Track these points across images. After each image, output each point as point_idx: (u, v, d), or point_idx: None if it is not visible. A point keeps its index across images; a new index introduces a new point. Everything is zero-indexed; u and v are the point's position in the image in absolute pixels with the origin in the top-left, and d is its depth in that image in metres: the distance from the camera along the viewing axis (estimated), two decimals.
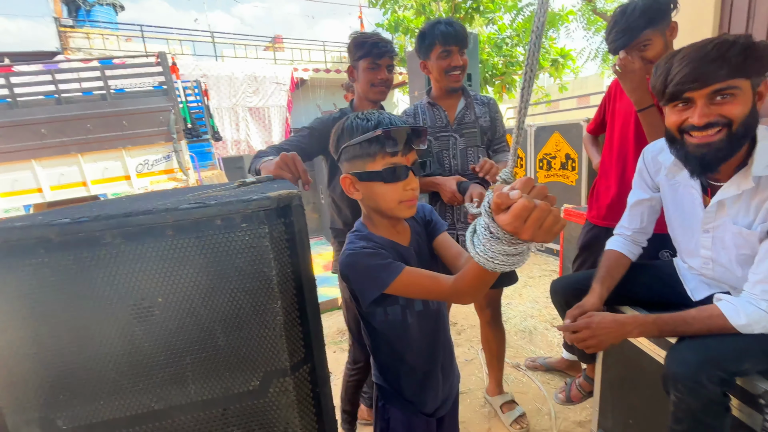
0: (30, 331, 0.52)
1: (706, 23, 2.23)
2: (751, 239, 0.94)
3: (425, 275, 0.73)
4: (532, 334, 2.48)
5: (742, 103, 0.83)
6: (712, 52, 0.81)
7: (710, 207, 1.00)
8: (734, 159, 0.90)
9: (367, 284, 0.75)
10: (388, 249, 0.79)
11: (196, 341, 0.57)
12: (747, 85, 0.83)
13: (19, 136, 3.98)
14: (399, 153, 0.74)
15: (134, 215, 0.52)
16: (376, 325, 0.85)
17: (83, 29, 8.72)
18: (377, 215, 0.83)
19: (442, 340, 0.90)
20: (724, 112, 0.84)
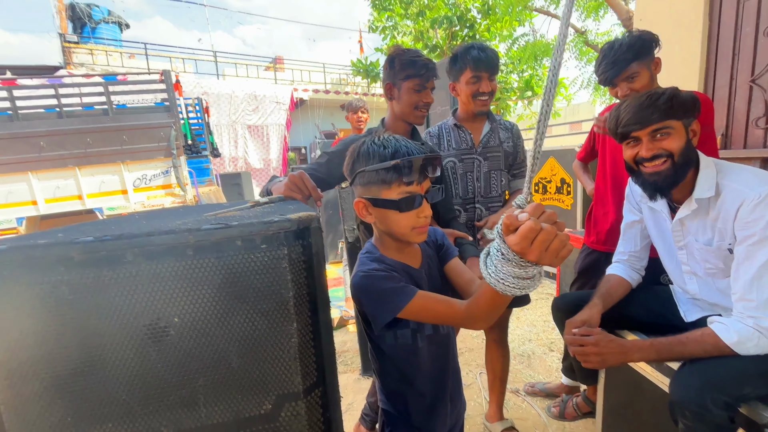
0: (43, 352, 0.52)
1: (693, 57, 2.34)
2: (712, 255, 1.08)
3: (438, 300, 0.73)
4: (530, 358, 2.45)
5: (678, 139, 1.04)
6: (646, 102, 1.04)
7: (673, 225, 1.16)
8: (686, 184, 1.08)
9: (380, 308, 0.75)
10: (399, 271, 0.79)
11: (210, 363, 0.57)
12: (678, 124, 1.05)
13: (18, 148, 3.97)
14: (414, 182, 0.75)
15: (156, 235, 0.53)
16: (385, 349, 0.84)
17: (87, 45, 8.86)
18: (389, 238, 0.84)
19: (451, 366, 0.89)
20: (664, 146, 1.05)
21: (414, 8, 8.98)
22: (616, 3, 5.07)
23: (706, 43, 2.29)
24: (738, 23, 2.15)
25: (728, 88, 2.21)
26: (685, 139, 1.05)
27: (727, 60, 2.20)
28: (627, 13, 5.03)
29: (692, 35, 2.33)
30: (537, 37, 7.64)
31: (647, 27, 2.61)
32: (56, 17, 8.64)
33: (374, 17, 9.42)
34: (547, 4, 6.65)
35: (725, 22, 2.21)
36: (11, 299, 0.50)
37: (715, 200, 1.04)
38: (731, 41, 2.18)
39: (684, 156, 1.04)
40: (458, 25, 8.61)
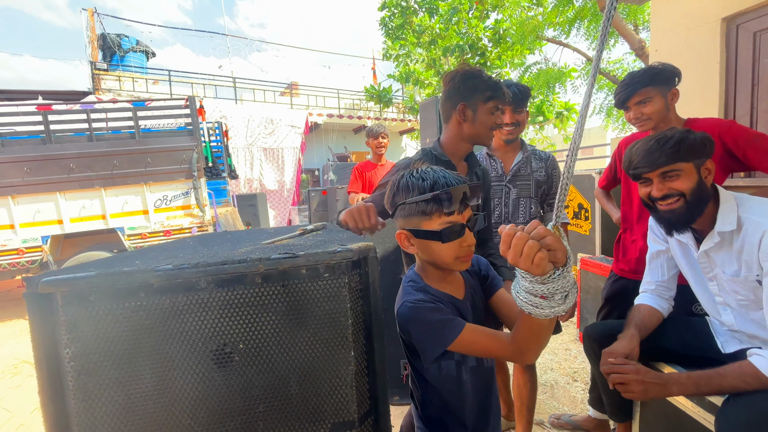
0: (119, 374, 0.54)
1: (712, 87, 2.37)
2: (741, 286, 1.08)
3: (487, 333, 0.73)
4: (553, 388, 2.38)
5: (688, 180, 1.08)
6: (654, 146, 1.09)
7: (699, 257, 1.17)
8: (707, 216, 1.11)
9: (429, 341, 0.74)
10: (445, 303, 0.79)
11: (271, 389, 0.58)
12: (688, 166, 1.08)
13: (49, 169, 4.14)
14: (455, 211, 0.74)
15: (230, 263, 0.55)
16: (429, 379, 0.83)
17: (116, 72, 9.33)
18: (431, 267, 0.83)
19: (494, 400, 0.88)
20: (675, 187, 1.09)
21: (426, 37, 9.30)
22: (627, 32, 5.19)
23: (725, 74, 2.33)
24: (756, 54, 2.19)
25: (749, 117, 2.23)
26: (696, 179, 1.08)
27: (747, 90, 2.23)
28: (639, 43, 5.14)
29: (710, 66, 2.37)
30: (549, 65, 7.81)
31: (663, 58, 2.67)
32: (88, 47, 9.16)
33: (388, 46, 9.76)
34: (557, 33, 6.83)
35: (742, 53, 2.25)
36: (94, 323, 0.53)
37: (738, 233, 1.06)
38: (750, 72, 2.21)
39: (696, 195, 1.07)
40: (470, 53, 8.86)
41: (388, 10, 9.47)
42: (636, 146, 1.13)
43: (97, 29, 9.69)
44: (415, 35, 9.36)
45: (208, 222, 4.72)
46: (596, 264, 2.68)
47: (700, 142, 1.07)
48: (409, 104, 10.66)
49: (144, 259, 0.63)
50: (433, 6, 9.09)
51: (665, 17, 2.66)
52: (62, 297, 0.52)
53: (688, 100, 2.52)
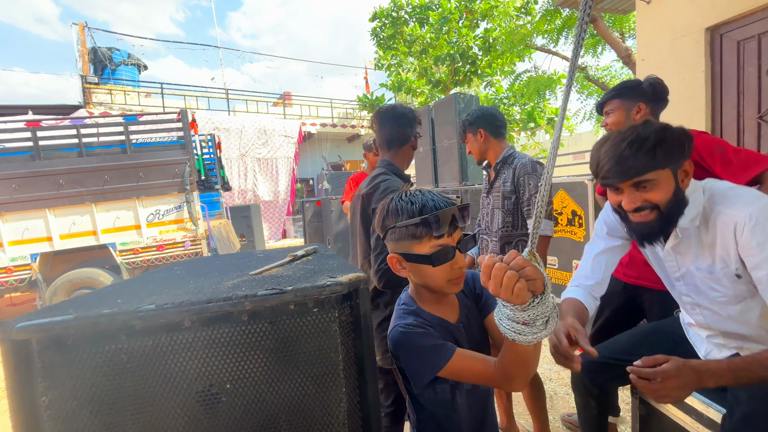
0: (99, 421, 0.52)
1: (698, 95, 2.41)
2: (718, 283, 0.98)
3: (476, 359, 0.73)
4: (552, 398, 2.36)
5: (664, 189, 0.92)
6: (626, 151, 0.91)
7: (666, 255, 1.06)
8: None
9: (419, 367, 0.74)
10: (436, 327, 0.79)
11: (260, 429, 0.56)
12: (665, 173, 0.92)
13: (38, 186, 4.08)
14: (444, 234, 0.74)
15: (215, 302, 0.54)
16: (424, 403, 0.82)
17: (107, 86, 9.30)
18: (425, 290, 0.83)
19: (489, 421, 0.87)
20: (648, 198, 0.94)
21: (417, 46, 9.41)
22: (613, 41, 5.28)
23: (710, 82, 2.37)
24: (740, 63, 2.23)
25: (736, 125, 2.26)
26: (674, 187, 0.94)
27: (733, 98, 2.27)
28: (626, 50, 5.23)
29: (695, 75, 2.41)
30: (539, 72, 7.93)
31: (649, 67, 2.71)
32: (79, 60, 9.13)
33: (380, 56, 9.85)
34: (546, 42, 6.94)
35: (727, 61, 2.30)
36: (72, 368, 0.51)
37: (706, 226, 0.96)
38: (735, 80, 2.25)
39: (671, 205, 0.94)
40: (460, 62, 8.98)
41: (379, 21, 9.58)
42: (604, 148, 0.96)
43: (88, 43, 9.67)
44: (406, 45, 9.46)
45: (201, 235, 4.67)
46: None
47: (678, 143, 0.92)
48: None
49: (126, 295, 0.61)
50: (424, 16, 9.21)
51: (650, 27, 2.71)
52: (38, 342, 0.50)
53: (675, 109, 2.56)
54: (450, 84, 9.32)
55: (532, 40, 7.07)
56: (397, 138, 1.48)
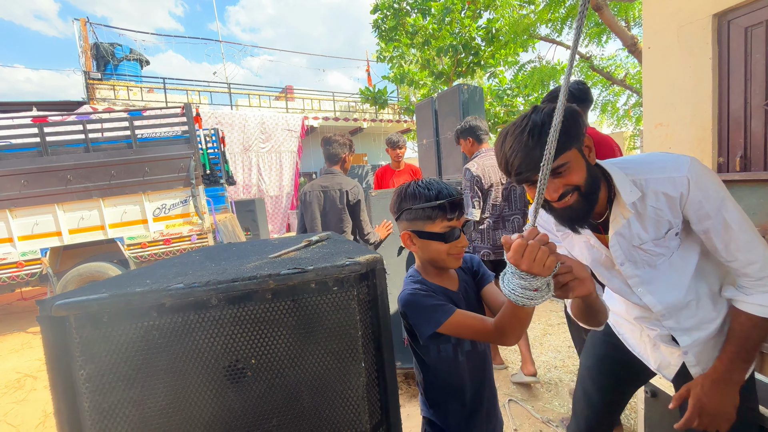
0: (133, 394, 0.54)
1: (705, 82, 2.40)
2: (663, 246, 0.98)
3: (474, 317, 0.84)
4: (557, 386, 2.39)
5: (578, 169, 0.90)
6: (530, 142, 0.86)
7: (612, 242, 1.01)
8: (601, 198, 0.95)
9: (424, 321, 0.85)
10: (439, 293, 0.90)
11: (283, 403, 0.59)
12: (573, 154, 0.89)
13: (46, 181, 4.13)
14: (455, 218, 0.89)
15: (240, 280, 0.56)
16: (429, 362, 0.92)
17: (110, 82, 9.31)
18: (429, 265, 0.95)
19: (488, 382, 0.96)
20: (569, 182, 0.90)
21: (419, 38, 9.33)
22: (619, 29, 5.22)
23: (717, 69, 2.35)
24: (747, 50, 2.21)
25: (743, 112, 2.25)
26: (584, 163, 0.91)
27: (740, 85, 2.25)
28: (631, 39, 5.17)
29: (702, 62, 2.39)
30: (543, 62, 7.85)
31: (656, 54, 2.69)
32: (81, 56, 9.14)
33: (382, 48, 9.78)
34: (550, 31, 6.87)
35: (734, 48, 2.27)
36: (108, 344, 0.53)
37: (642, 199, 0.94)
38: (742, 67, 2.23)
39: (589, 182, 0.92)
40: (463, 53, 8.90)
41: (380, 13, 9.50)
42: (507, 143, 0.90)
43: (90, 39, 9.66)
44: (408, 36, 9.39)
45: (207, 229, 4.72)
46: None
47: (572, 120, 0.87)
48: (404, 105, 10.69)
49: (153, 276, 0.63)
50: (426, 7, 9.12)
51: (657, 14, 2.68)
52: (75, 319, 0.52)
53: (682, 97, 2.54)
54: (453, 75, 9.25)
55: (536, 30, 7.00)
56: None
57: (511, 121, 0.93)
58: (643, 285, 1.04)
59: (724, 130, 2.37)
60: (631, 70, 7.01)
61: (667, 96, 2.63)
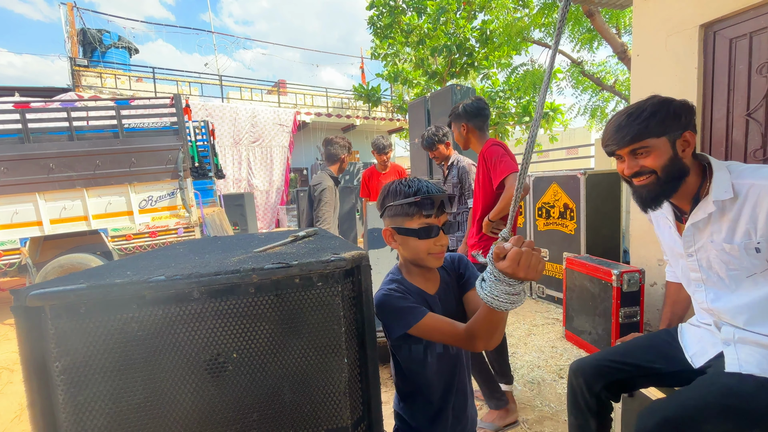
0: (110, 387, 0.54)
1: (690, 91, 2.45)
2: (734, 254, 1.02)
3: (444, 321, 0.84)
4: (540, 385, 2.43)
5: (659, 156, 1.02)
6: (623, 121, 1.03)
7: (686, 232, 1.11)
8: (688, 191, 1.06)
9: (394, 323, 0.86)
10: (414, 295, 0.91)
11: (264, 397, 0.59)
12: (660, 141, 1.01)
13: (27, 169, 4.01)
14: (432, 215, 0.88)
15: (223, 274, 0.56)
16: (400, 359, 0.94)
17: (97, 69, 9.08)
18: (411, 264, 0.95)
19: (456, 384, 0.96)
20: (645, 164, 1.03)
21: (414, 37, 9.32)
22: (610, 36, 5.30)
23: (702, 79, 2.41)
24: (731, 60, 2.27)
25: (725, 122, 2.31)
26: (670, 154, 1.01)
27: (723, 95, 2.31)
28: (621, 46, 5.26)
29: (688, 71, 2.45)
30: (535, 66, 7.93)
31: (644, 63, 2.74)
32: (68, 42, 8.89)
33: (376, 45, 9.75)
34: (543, 35, 6.93)
35: (719, 59, 2.34)
36: (84, 336, 0.52)
37: (733, 201, 0.99)
38: (726, 77, 2.30)
39: (669, 171, 1.02)
40: (457, 53, 8.93)
41: (376, 9, 9.45)
42: (610, 120, 1.09)
43: (77, 24, 9.40)
44: (403, 35, 9.37)
45: (194, 223, 4.64)
46: (581, 263, 2.74)
47: (673, 114, 0.99)
48: (397, 104, 10.67)
49: (135, 268, 0.62)
50: (422, 6, 9.11)
51: (646, 22, 2.73)
52: (51, 310, 0.51)
53: None
54: (446, 76, 9.27)
55: (529, 34, 7.06)
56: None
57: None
58: (701, 282, 1.11)
59: (707, 139, 2.44)
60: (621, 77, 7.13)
61: None
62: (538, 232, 3.84)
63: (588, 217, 3.33)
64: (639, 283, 2.42)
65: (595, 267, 2.59)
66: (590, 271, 2.64)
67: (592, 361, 1.31)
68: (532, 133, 0.67)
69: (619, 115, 1.05)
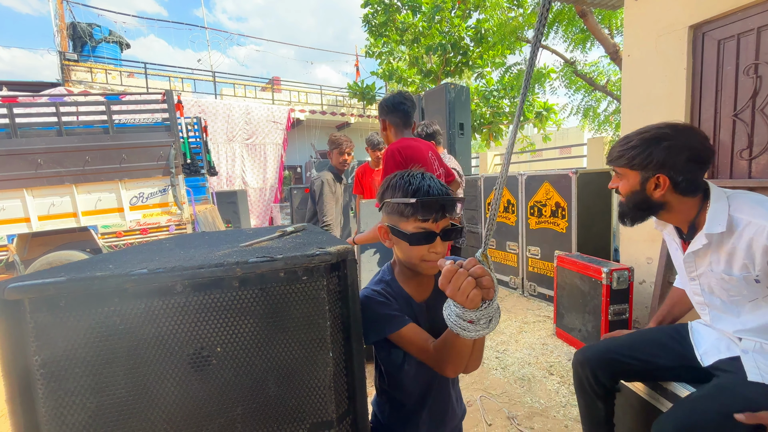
0: (91, 381, 0.53)
1: (679, 92, 2.48)
2: (734, 284, 1.03)
3: (420, 336, 0.79)
4: (530, 382, 2.46)
5: (626, 185, 1.09)
6: (619, 140, 1.10)
7: (686, 257, 1.13)
8: (682, 216, 1.09)
9: (370, 328, 0.80)
10: (400, 300, 0.85)
11: (249, 391, 0.59)
12: (632, 173, 1.07)
13: (15, 165, 3.95)
14: (430, 220, 0.78)
15: (206, 267, 0.55)
16: (380, 360, 0.90)
17: (87, 64, 8.94)
18: (403, 265, 0.89)
19: (434, 389, 0.91)
20: (617, 185, 1.13)
21: (409, 35, 9.32)
22: (602, 37, 5.35)
23: (690, 79, 2.44)
24: (719, 61, 2.30)
25: (713, 122, 2.34)
26: (636, 188, 1.07)
27: (711, 95, 2.34)
28: (613, 47, 5.31)
29: (677, 72, 2.48)
30: None
31: (635, 63, 2.77)
32: (57, 35, 8.74)
33: (371, 43, 9.73)
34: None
35: (707, 59, 2.37)
36: (65, 329, 0.52)
37: (730, 234, 1.00)
38: (714, 78, 2.33)
39: (633, 201, 1.09)
40: (452, 52, 8.95)
41: (371, 7, 9.43)
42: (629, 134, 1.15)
43: (67, 18, 9.25)
44: (398, 33, 9.37)
45: (186, 220, 4.61)
46: (572, 261, 2.77)
47: (657, 155, 1.01)
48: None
49: (118, 262, 0.62)
50: (416, 4, 9.11)
51: (637, 23, 2.76)
52: (30, 303, 0.51)
53: (657, 105, 2.63)
54: (441, 74, 9.29)
55: (524, 33, 7.10)
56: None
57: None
58: (705, 305, 1.15)
59: None
60: (613, 77, 7.20)
61: (643, 103, 2.72)
62: (530, 230, 3.87)
63: (579, 215, 3.36)
64: (628, 281, 2.45)
65: (586, 265, 2.62)
66: (581, 269, 2.67)
67: (598, 353, 1.31)
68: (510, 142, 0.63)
69: (637, 130, 1.08)
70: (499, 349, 2.89)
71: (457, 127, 5.32)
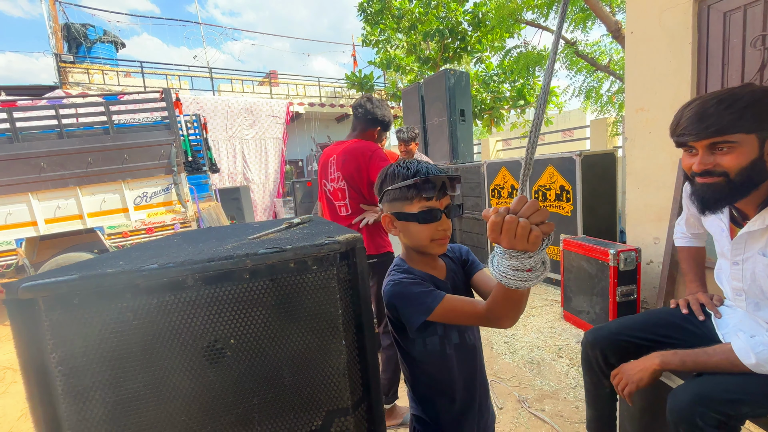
0: (108, 376, 0.54)
1: (684, 67, 2.43)
2: None
3: (465, 300, 0.80)
4: (540, 365, 2.47)
5: (741, 155, 0.85)
6: (711, 108, 0.85)
7: (737, 239, 1.00)
8: (757, 195, 0.92)
9: (414, 310, 0.80)
10: (427, 280, 0.86)
11: (264, 382, 0.59)
12: (749, 138, 0.84)
13: (18, 169, 3.97)
14: (433, 198, 0.83)
15: (216, 260, 0.55)
16: (416, 355, 0.87)
17: (83, 65, 8.90)
18: (414, 252, 0.91)
19: (479, 377, 0.92)
20: (721, 163, 0.88)
21: (406, 22, 9.18)
22: (604, 15, 5.24)
23: (696, 54, 2.39)
24: (725, 35, 2.25)
25: None
26: (756, 155, 0.85)
27: (717, 70, 2.30)
28: (615, 25, 5.20)
29: (683, 47, 2.42)
30: (529, 48, 7.84)
31: (638, 40, 2.71)
32: (52, 38, 8.69)
33: (367, 31, 9.60)
34: (536, 16, 6.84)
35: (713, 33, 2.31)
36: (79, 326, 0.52)
37: None
38: (720, 52, 2.28)
39: (745, 175, 0.86)
40: (450, 38, 8.81)
41: None
42: (691, 104, 0.91)
43: (60, 19, 9.17)
44: (394, 20, 9.22)
45: (191, 217, 4.63)
46: (578, 244, 2.76)
47: (765, 114, 0.82)
48: (391, 91, 10.56)
49: (127, 259, 0.62)
50: None
51: None
52: (44, 302, 0.51)
53: (663, 81, 2.58)
54: (440, 61, 9.16)
55: (522, 15, 6.96)
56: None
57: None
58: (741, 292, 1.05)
59: None
60: (615, 56, 7.07)
61: (648, 81, 2.67)
62: None
63: (584, 198, 3.34)
64: (635, 262, 2.44)
65: (592, 247, 2.61)
66: (587, 251, 2.66)
67: (608, 335, 1.28)
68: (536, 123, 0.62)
69: (704, 101, 0.87)
70: (508, 334, 2.90)
71: (458, 114, 5.26)
